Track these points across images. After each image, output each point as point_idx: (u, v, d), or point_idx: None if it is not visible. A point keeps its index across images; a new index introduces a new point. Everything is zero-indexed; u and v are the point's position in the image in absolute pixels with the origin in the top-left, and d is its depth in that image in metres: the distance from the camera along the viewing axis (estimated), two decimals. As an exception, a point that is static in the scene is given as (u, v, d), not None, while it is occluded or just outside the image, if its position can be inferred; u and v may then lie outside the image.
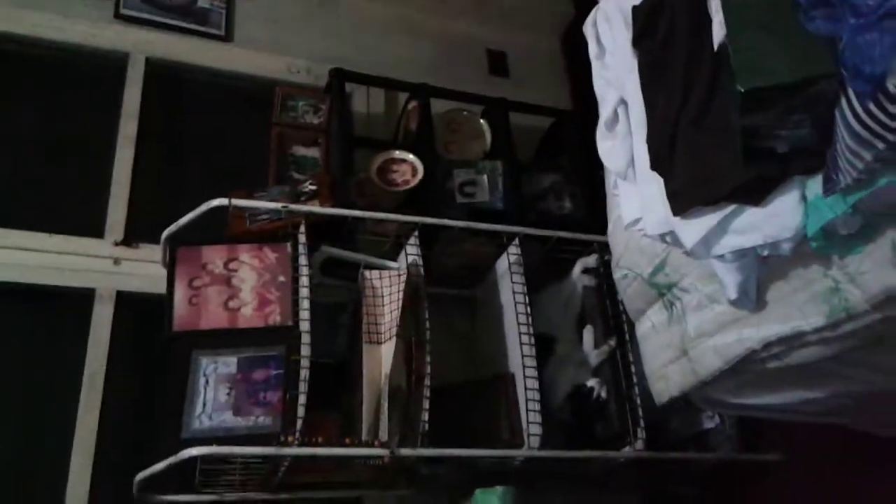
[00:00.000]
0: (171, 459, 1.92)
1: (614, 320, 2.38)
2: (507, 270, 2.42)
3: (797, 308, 1.31)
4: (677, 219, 1.32)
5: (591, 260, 2.52)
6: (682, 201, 1.28)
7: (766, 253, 1.26)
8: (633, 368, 2.29)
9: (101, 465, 2.24)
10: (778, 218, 1.21)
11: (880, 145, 1.01)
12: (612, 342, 2.35)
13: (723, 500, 2.55)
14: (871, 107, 0.97)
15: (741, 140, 1.16)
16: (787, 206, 1.20)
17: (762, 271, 1.36)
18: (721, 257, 1.33)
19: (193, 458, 1.94)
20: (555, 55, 3.52)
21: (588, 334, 2.45)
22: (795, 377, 1.47)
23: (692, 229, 1.29)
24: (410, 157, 2.63)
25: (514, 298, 2.36)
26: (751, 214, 1.24)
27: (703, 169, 1.24)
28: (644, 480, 2.66)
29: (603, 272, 2.44)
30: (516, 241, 2.45)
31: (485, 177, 2.70)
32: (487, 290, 2.61)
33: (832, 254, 1.23)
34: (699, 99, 1.23)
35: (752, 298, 1.37)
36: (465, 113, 2.90)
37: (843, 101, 1.01)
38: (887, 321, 1.24)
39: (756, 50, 1.02)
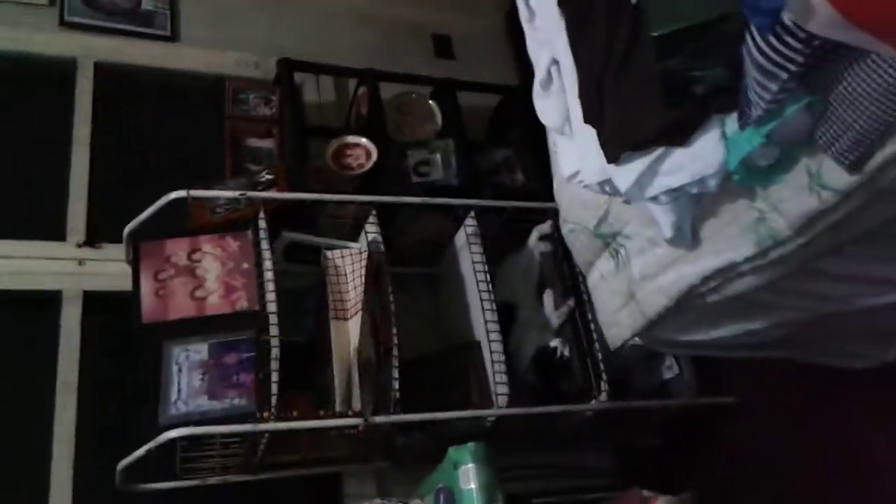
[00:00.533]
0: (151, 444, 1.98)
1: (571, 281, 2.47)
2: (466, 243, 2.50)
3: (728, 241, 1.40)
4: (612, 166, 1.40)
5: (545, 227, 2.61)
6: (613, 149, 1.36)
7: (694, 190, 1.35)
8: (592, 326, 2.39)
9: (83, 459, 2.28)
10: (701, 156, 1.30)
11: (783, 75, 1.10)
12: (571, 302, 2.45)
13: (688, 446, 2.65)
14: (772, 39, 1.06)
15: (661, 85, 1.24)
16: (709, 144, 1.29)
17: (696, 210, 1.45)
18: (655, 199, 1.41)
19: (172, 442, 2.01)
20: (499, 34, 3.59)
21: (548, 298, 2.54)
22: (734, 310, 1.56)
23: (625, 174, 1.38)
24: (363, 140, 2.69)
25: (474, 268, 2.44)
26: (677, 155, 1.32)
27: (629, 116, 1.32)
28: (612, 435, 2.76)
29: (557, 237, 2.52)
30: (472, 214, 2.53)
31: (438, 155, 2.78)
32: (449, 264, 2.69)
33: (755, 185, 1.32)
34: (621, 51, 1.32)
35: (688, 237, 1.46)
36: (413, 95, 2.97)
37: (748, 38, 1.10)
38: (810, 246, 1.34)
39: (666, -3, 1.11)
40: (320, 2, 3.32)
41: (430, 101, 2.97)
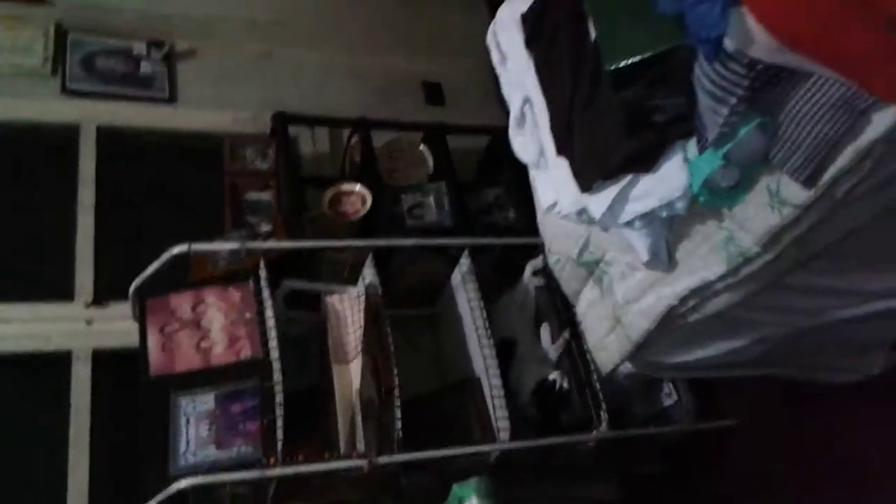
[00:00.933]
0: (161, 496, 2.02)
1: (566, 314, 2.51)
2: (461, 282, 2.56)
3: (702, 260, 1.47)
4: (585, 195, 1.47)
5: (538, 261, 2.66)
6: (585, 178, 1.43)
7: (664, 214, 1.42)
8: (589, 356, 2.42)
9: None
10: (667, 181, 1.37)
11: (732, 100, 1.17)
12: (567, 334, 2.48)
13: (690, 471, 2.68)
14: (718, 66, 1.14)
15: (623, 116, 1.32)
16: (674, 169, 1.36)
17: (669, 233, 1.51)
18: (630, 224, 1.48)
19: (183, 493, 2.04)
20: (487, 77, 3.68)
21: (545, 332, 2.58)
22: (715, 329, 1.62)
23: (598, 202, 1.44)
24: (358, 187, 2.77)
25: (470, 306, 2.49)
26: (645, 181, 1.39)
27: (597, 147, 1.39)
28: (615, 464, 2.78)
29: (550, 271, 2.57)
30: (466, 252, 2.59)
31: (431, 198, 2.86)
32: (446, 303, 2.74)
33: (720, 206, 1.38)
34: (586, 85, 1.39)
35: (664, 259, 1.52)
36: (404, 141, 3.06)
37: (697, 67, 1.17)
38: (778, 261, 1.40)
39: (618, 34, 1.18)
40: (311, 60, 3.43)
41: (421, 146, 3.06)
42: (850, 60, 1.02)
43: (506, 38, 1.63)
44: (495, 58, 1.69)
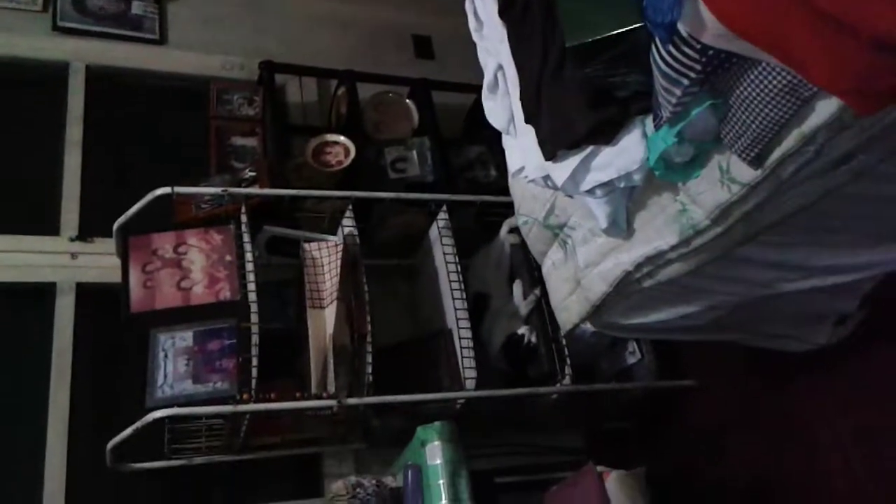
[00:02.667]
0: (137, 424, 2.12)
1: (538, 272, 2.59)
2: (438, 236, 2.63)
3: (656, 231, 1.54)
4: (550, 163, 1.54)
5: (515, 220, 2.73)
6: (549, 147, 1.50)
7: (622, 184, 1.49)
8: (556, 314, 2.52)
9: (76, 441, 2.42)
10: (626, 153, 1.43)
11: (685, 81, 1.23)
12: (538, 292, 2.57)
13: (652, 427, 2.80)
14: (672, 49, 1.19)
15: (588, 90, 1.38)
16: (632, 143, 1.42)
17: (628, 203, 1.58)
18: (591, 193, 1.55)
19: (159, 422, 2.14)
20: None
21: (517, 287, 2.67)
22: (669, 294, 1.70)
23: (561, 170, 1.51)
24: (342, 139, 2.82)
25: (446, 260, 2.57)
26: (605, 153, 1.46)
27: (562, 117, 1.46)
28: (581, 419, 2.90)
29: (523, 230, 2.65)
30: (444, 208, 2.66)
31: (414, 152, 2.91)
32: (423, 256, 2.82)
33: (675, 180, 1.45)
34: (555, 57, 1.45)
35: (623, 227, 1.60)
36: (390, 95, 3.10)
37: (653, 48, 1.23)
38: (728, 234, 1.47)
39: (580, 10, 1.24)
40: (304, 6, 3.45)
41: (407, 101, 3.10)
42: (792, 50, 1.08)
43: (482, 6, 1.68)
44: (472, 24, 1.74)
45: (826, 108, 1.21)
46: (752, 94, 1.23)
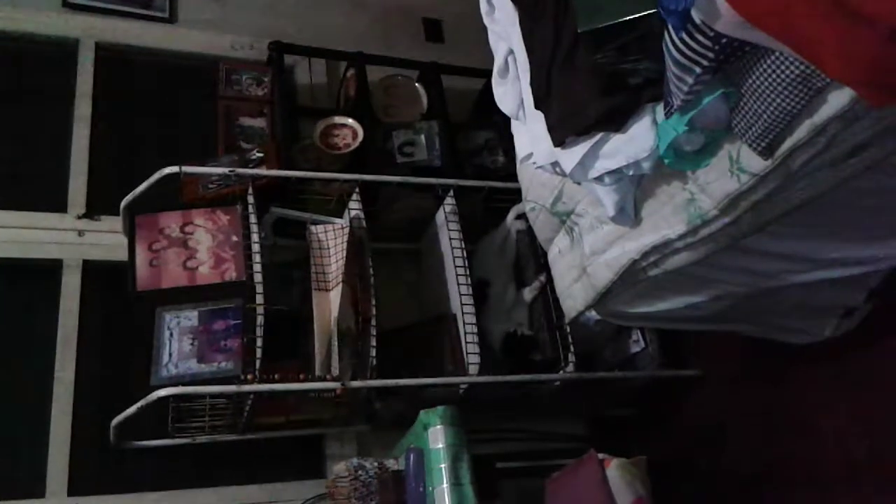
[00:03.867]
0: (142, 402, 2.13)
1: (544, 258, 2.59)
2: (445, 221, 2.63)
3: (664, 219, 1.53)
4: (558, 149, 1.53)
5: (522, 206, 2.72)
6: (559, 133, 1.49)
7: (631, 172, 1.48)
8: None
9: (80, 418, 2.43)
10: (636, 141, 1.43)
11: (697, 69, 1.22)
12: (543, 278, 2.57)
13: (655, 416, 2.80)
14: (685, 37, 1.18)
15: (599, 76, 1.37)
16: (642, 130, 1.42)
17: (636, 191, 1.58)
18: (600, 180, 1.54)
19: (164, 401, 2.15)
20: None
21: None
22: (675, 284, 1.69)
23: (570, 157, 1.50)
24: (350, 121, 2.81)
25: (452, 245, 2.57)
26: (615, 140, 1.45)
27: (572, 103, 1.45)
28: (585, 406, 2.91)
29: (530, 216, 2.64)
30: (451, 193, 2.65)
31: (422, 136, 2.90)
32: (429, 240, 2.82)
33: (685, 169, 1.44)
34: (567, 43, 1.44)
35: (630, 216, 1.59)
36: (400, 78, 3.09)
37: (666, 35, 1.22)
38: (736, 224, 1.47)
39: (595, -2, 1.23)
40: (315, -15, 3.43)
41: (416, 84, 3.09)
42: (806, 40, 1.07)
43: (494, -10, 1.67)
44: (484, 8, 1.73)
45: (839, 99, 1.20)
46: (765, 84, 1.22)
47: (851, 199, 1.49)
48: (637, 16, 1.20)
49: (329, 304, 2.35)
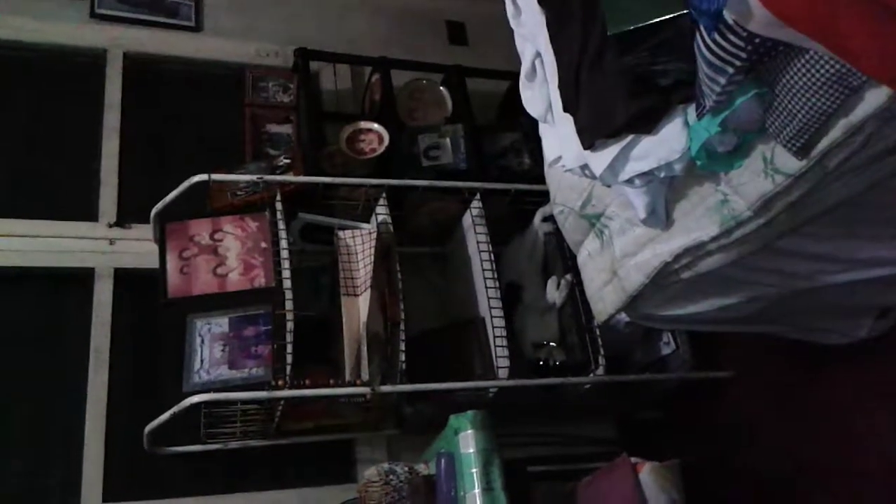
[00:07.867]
0: (175, 409, 2.15)
1: (572, 260, 2.58)
2: (472, 224, 2.63)
3: (696, 221, 1.52)
4: (588, 152, 1.52)
5: (549, 208, 2.72)
6: (588, 136, 1.48)
7: (662, 174, 1.47)
8: (591, 304, 2.50)
9: (114, 426, 2.45)
10: (667, 142, 1.41)
11: (730, 70, 1.21)
12: (570, 277, 2.56)
13: (687, 418, 2.77)
14: (717, 37, 1.17)
15: (629, 78, 1.36)
16: (674, 132, 1.40)
17: (668, 193, 1.56)
18: (630, 182, 1.53)
19: (196, 407, 2.17)
20: (511, 21, 3.68)
21: (551, 283, 2.64)
22: (708, 286, 1.67)
23: (600, 159, 1.49)
24: (375, 126, 2.82)
25: (479, 249, 2.56)
26: (646, 142, 1.44)
27: (602, 106, 1.44)
28: (615, 409, 2.89)
29: (558, 219, 2.63)
30: (478, 196, 2.65)
31: (447, 140, 2.89)
32: (456, 244, 2.81)
33: (717, 170, 1.43)
34: (595, 45, 1.43)
35: (662, 218, 1.58)
36: (424, 82, 3.09)
37: (697, 36, 1.21)
38: (770, 226, 1.45)
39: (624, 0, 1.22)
40: (337, -6, 3.44)
41: (441, 88, 3.09)
42: (842, 39, 1.06)
43: (520, -8, 1.67)
44: (510, 10, 1.73)
45: (875, 97, 1.19)
46: (799, 83, 1.21)
47: (887, 198, 1.47)
48: (667, 17, 1.19)
49: (358, 309, 2.35)
